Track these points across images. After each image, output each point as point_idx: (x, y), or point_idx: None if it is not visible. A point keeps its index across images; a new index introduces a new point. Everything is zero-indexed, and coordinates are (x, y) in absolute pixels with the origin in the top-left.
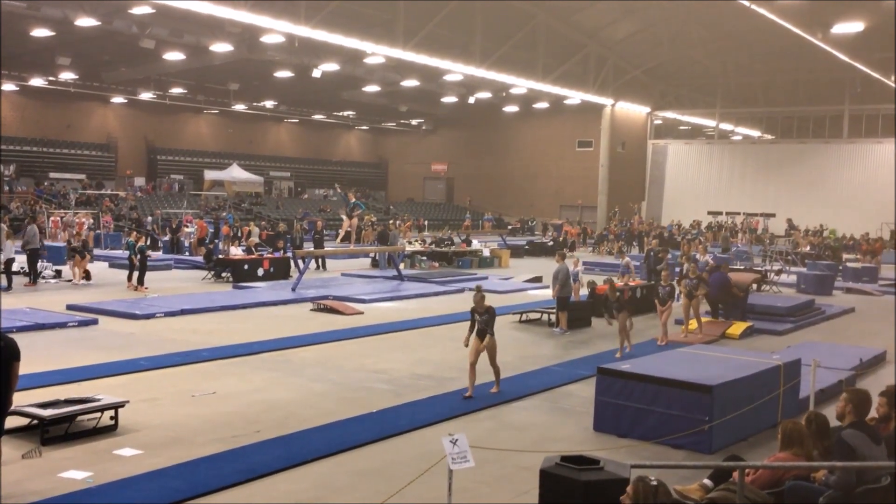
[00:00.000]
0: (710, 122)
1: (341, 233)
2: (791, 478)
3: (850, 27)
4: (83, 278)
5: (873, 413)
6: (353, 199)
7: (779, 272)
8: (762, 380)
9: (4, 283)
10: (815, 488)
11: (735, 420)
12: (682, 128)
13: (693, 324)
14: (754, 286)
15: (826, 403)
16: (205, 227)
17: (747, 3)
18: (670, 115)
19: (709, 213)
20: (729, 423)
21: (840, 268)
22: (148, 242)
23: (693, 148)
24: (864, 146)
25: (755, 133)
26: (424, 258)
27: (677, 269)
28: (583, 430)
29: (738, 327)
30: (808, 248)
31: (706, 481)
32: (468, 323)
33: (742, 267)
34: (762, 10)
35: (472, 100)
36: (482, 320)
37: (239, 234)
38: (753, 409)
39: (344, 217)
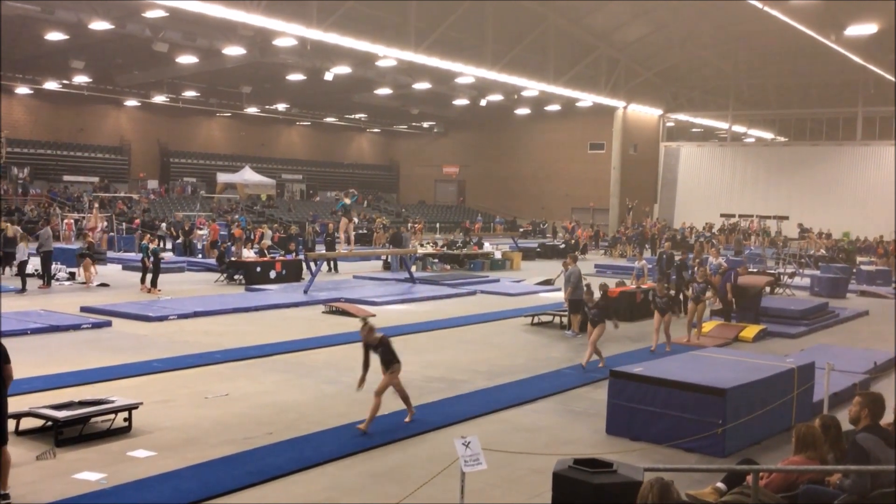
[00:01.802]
0: (723, 125)
1: (352, 239)
2: (805, 481)
3: (863, 29)
4: (91, 280)
5: (889, 417)
6: (345, 200)
7: (792, 275)
8: (776, 383)
9: (19, 284)
10: (829, 492)
11: (748, 423)
12: (694, 130)
13: (704, 327)
14: (767, 289)
15: (840, 407)
16: (217, 229)
17: (760, 5)
18: (683, 117)
19: (721, 215)
20: (742, 426)
21: (854, 270)
22: (161, 245)
23: (706, 150)
24: (878, 148)
25: (768, 135)
26: (436, 260)
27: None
28: (595, 433)
29: (751, 330)
30: (821, 250)
31: (720, 485)
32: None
33: (755, 270)
34: (775, 12)
35: (483, 102)
36: (381, 352)
37: (251, 237)
38: (767, 412)
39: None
